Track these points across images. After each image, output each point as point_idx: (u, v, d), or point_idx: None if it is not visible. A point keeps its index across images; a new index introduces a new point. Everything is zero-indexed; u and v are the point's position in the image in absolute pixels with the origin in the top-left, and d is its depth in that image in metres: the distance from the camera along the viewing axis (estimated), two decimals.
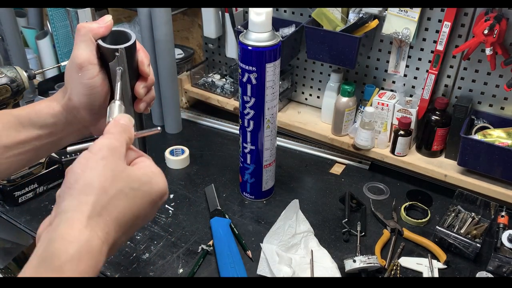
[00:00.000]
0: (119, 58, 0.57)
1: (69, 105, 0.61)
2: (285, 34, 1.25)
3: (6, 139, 0.61)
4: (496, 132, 1.09)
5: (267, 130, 1.06)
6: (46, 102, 0.63)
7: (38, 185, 1.14)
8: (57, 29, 1.53)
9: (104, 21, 0.59)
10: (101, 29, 0.58)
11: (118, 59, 0.57)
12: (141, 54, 0.61)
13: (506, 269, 0.95)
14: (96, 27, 0.58)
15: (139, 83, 0.61)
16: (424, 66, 1.19)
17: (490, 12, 1.01)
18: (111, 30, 0.59)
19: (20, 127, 0.62)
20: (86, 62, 0.57)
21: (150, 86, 0.63)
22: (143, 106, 0.63)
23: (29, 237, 1.23)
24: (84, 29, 0.58)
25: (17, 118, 0.62)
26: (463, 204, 1.10)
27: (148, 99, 0.63)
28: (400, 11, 1.11)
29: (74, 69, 0.58)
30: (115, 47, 0.57)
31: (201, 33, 1.53)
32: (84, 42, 0.57)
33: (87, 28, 0.57)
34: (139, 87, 0.61)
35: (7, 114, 0.63)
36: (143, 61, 0.61)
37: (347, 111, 1.26)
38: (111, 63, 0.57)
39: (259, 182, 1.13)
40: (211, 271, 0.97)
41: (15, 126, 0.62)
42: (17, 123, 0.62)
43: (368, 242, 1.05)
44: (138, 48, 0.61)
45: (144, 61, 0.61)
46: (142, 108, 0.63)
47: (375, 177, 1.25)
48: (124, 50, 0.57)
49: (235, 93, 1.46)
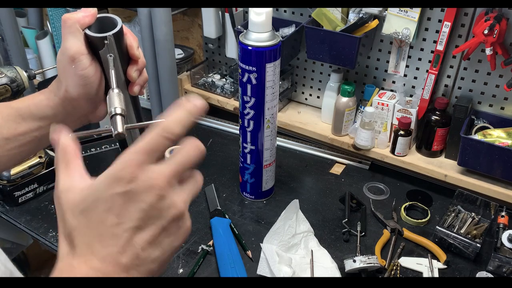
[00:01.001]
0: (108, 45, 0.57)
1: (66, 97, 0.61)
2: (285, 34, 1.25)
3: (6, 131, 0.62)
4: (496, 132, 1.09)
5: (267, 130, 1.06)
6: (44, 94, 0.63)
7: (38, 185, 1.14)
8: (57, 29, 1.53)
9: (88, 10, 0.58)
10: (87, 18, 0.57)
11: (108, 46, 0.57)
12: (129, 38, 0.61)
13: (506, 269, 0.95)
14: (81, 16, 0.57)
15: (131, 66, 0.61)
16: (424, 66, 1.19)
17: (490, 12, 1.01)
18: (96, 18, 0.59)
19: (20, 119, 0.62)
20: (78, 53, 0.57)
21: (142, 68, 0.63)
22: (137, 89, 0.63)
23: (29, 237, 1.22)
24: (70, 20, 0.57)
25: (16, 111, 0.62)
26: (463, 204, 1.10)
27: (141, 82, 0.63)
28: (400, 11, 1.11)
29: (66, 62, 0.58)
30: (103, 35, 0.56)
31: (201, 33, 1.53)
32: (72, 33, 0.57)
33: (73, 19, 0.57)
34: (132, 71, 0.61)
35: (6, 106, 0.63)
36: (132, 45, 0.61)
37: (347, 111, 1.26)
38: (101, 51, 0.57)
39: (259, 182, 1.13)
40: (211, 271, 0.97)
41: (15, 118, 0.62)
42: (17, 115, 0.62)
43: (368, 242, 1.05)
44: (125, 31, 0.60)
45: (133, 44, 0.61)
46: (136, 91, 0.63)
47: (375, 177, 1.25)
48: (112, 37, 0.56)
49: (235, 93, 1.46)
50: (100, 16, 0.59)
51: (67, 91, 0.60)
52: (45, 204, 1.13)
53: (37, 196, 1.15)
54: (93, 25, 0.58)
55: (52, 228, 1.05)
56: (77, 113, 0.63)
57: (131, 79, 0.61)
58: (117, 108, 0.52)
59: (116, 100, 0.53)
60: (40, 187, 1.15)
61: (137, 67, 0.62)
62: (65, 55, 0.58)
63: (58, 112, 0.62)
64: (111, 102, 0.53)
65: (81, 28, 0.57)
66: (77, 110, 0.63)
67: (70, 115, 0.63)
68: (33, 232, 1.05)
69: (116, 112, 0.52)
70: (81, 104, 0.61)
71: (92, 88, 0.60)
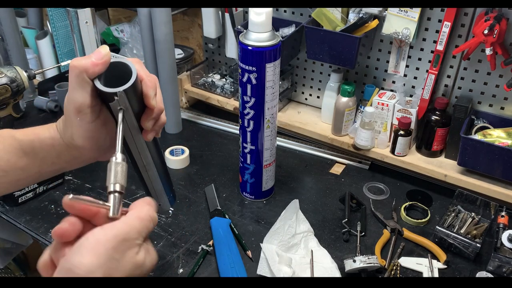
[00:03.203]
0: (119, 100, 0.51)
1: (72, 144, 0.57)
2: (285, 34, 1.25)
3: (5, 164, 0.58)
4: (496, 132, 1.09)
5: (267, 130, 1.06)
6: (50, 131, 0.58)
7: (38, 185, 1.14)
8: (57, 29, 1.53)
9: (100, 55, 0.51)
10: (97, 67, 0.51)
11: (119, 101, 0.51)
12: (145, 85, 0.54)
13: (506, 269, 0.95)
14: (90, 65, 0.51)
15: (145, 116, 0.55)
16: (424, 66, 1.19)
17: (490, 12, 1.01)
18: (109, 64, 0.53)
19: (21, 153, 0.58)
20: (83, 106, 0.52)
21: (158, 116, 0.57)
22: (152, 136, 0.58)
23: (29, 237, 1.23)
24: (77, 70, 0.51)
25: (19, 143, 0.58)
26: (463, 204, 1.10)
27: (157, 128, 0.59)
28: (400, 11, 1.11)
29: (71, 112, 0.53)
30: (113, 91, 0.50)
31: (201, 33, 1.53)
32: (79, 84, 0.51)
33: (80, 68, 0.50)
34: (146, 121, 0.55)
35: (10, 136, 0.59)
36: (148, 95, 0.54)
37: (347, 111, 1.26)
38: (111, 103, 0.52)
39: (259, 182, 1.13)
40: (211, 271, 0.97)
41: (17, 151, 0.58)
42: (19, 149, 0.58)
43: (368, 242, 1.05)
44: (142, 77, 0.54)
45: (150, 94, 0.54)
46: (150, 138, 0.58)
47: (375, 177, 1.25)
48: (123, 92, 0.50)
49: (235, 93, 1.46)
50: (114, 61, 0.53)
51: (72, 139, 0.56)
52: (45, 204, 1.13)
53: (37, 196, 1.15)
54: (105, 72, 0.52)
55: (52, 228, 1.05)
56: (82, 157, 0.60)
57: (145, 128, 0.56)
58: (117, 185, 0.47)
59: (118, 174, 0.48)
60: (40, 187, 1.15)
61: (152, 117, 0.56)
62: (70, 105, 0.53)
63: (63, 155, 0.59)
64: (111, 174, 0.48)
65: (90, 78, 0.51)
66: (83, 155, 0.59)
67: (75, 159, 0.60)
68: (33, 232, 1.05)
69: (116, 190, 0.47)
70: (87, 151, 0.57)
71: (100, 139, 0.56)
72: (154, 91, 0.55)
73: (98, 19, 1.60)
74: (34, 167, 0.59)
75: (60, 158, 0.59)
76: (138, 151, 0.60)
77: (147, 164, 0.63)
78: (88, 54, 0.53)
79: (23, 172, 0.59)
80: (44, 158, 0.59)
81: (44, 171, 0.61)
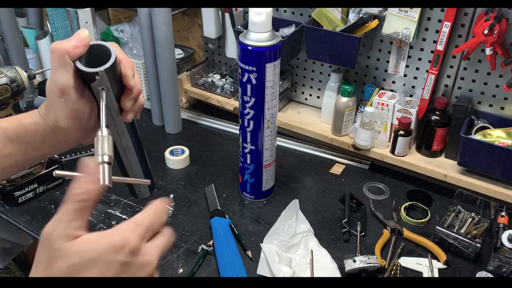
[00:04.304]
0: (100, 79, 0.53)
1: (56, 126, 0.58)
2: (285, 34, 1.25)
3: None
4: (496, 132, 1.09)
5: (267, 130, 1.06)
6: (32, 117, 0.60)
7: (38, 185, 1.14)
8: (57, 29, 1.53)
9: (80, 38, 0.53)
10: (78, 49, 0.53)
11: (100, 80, 0.53)
12: (124, 66, 0.57)
13: (506, 269, 0.95)
14: (72, 47, 0.53)
15: (124, 96, 0.58)
16: (424, 66, 1.19)
17: (490, 12, 1.01)
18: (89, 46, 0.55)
19: (6, 141, 0.60)
20: (67, 86, 0.54)
21: (137, 97, 0.60)
22: (131, 116, 0.60)
23: (29, 237, 1.23)
24: (59, 52, 0.53)
25: (3, 131, 0.60)
26: (463, 204, 1.10)
27: (136, 109, 0.61)
28: (400, 11, 1.11)
29: (55, 94, 0.55)
30: (94, 70, 0.52)
31: (201, 33, 1.53)
32: (61, 65, 0.53)
33: (62, 50, 0.53)
34: (125, 101, 0.58)
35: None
36: (127, 74, 0.57)
37: (347, 111, 1.26)
38: (92, 84, 0.54)
39: (259, 182, 1.13)
40: (211, 271, 0.97)
41: (1, 138, 0.60)
42: (3, 136, 0.60)
43: (368, 242, 1.05)
44: (120, 58, 0.56)
45: (128, 74, 0.57)
46: (130, 119, 0.60)
47: (375, 177, 1.25)
48: (104, 72, 0.53)
49: (235, 93, 1.46)
50: (93, 44, 0.55)
51: (57, 121, 0.58)
52: (45, 204, 1.13)
53: (37, 196, 1.15)
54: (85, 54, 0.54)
55: None
56: (67, 140, 0.61)
57: (125, 108, 0.58)
58: (105, 156, 0.48)
59: (105, 145, 0.49)
60: (40, 187, 1.15)
61: (131, 97, 0.58)
62: (54, 87, 0.55)
63: (47, 139, 0.60)
64: (98, 147, 0.48)
65: (71, 59, 0.53)
66: (68, 138, 0.60)
67: (60, 142, 0.61)
68: (33, 232, 1.05)
69: (104, 160, 0.47)
70: (71, 133, 0.59)
71: (83, 119, 0.58)
72: (133, 72, 0.58)
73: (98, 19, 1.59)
74: (19, 153, 0.61)
75: (45, 143, 0.61)
76: (118, 133, 0.62)
77: (127, 148, 0.64)
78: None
79: (10, 159, 0.61)
80: (29, 143, 0.60)
81: (30, 157, 0.62)
